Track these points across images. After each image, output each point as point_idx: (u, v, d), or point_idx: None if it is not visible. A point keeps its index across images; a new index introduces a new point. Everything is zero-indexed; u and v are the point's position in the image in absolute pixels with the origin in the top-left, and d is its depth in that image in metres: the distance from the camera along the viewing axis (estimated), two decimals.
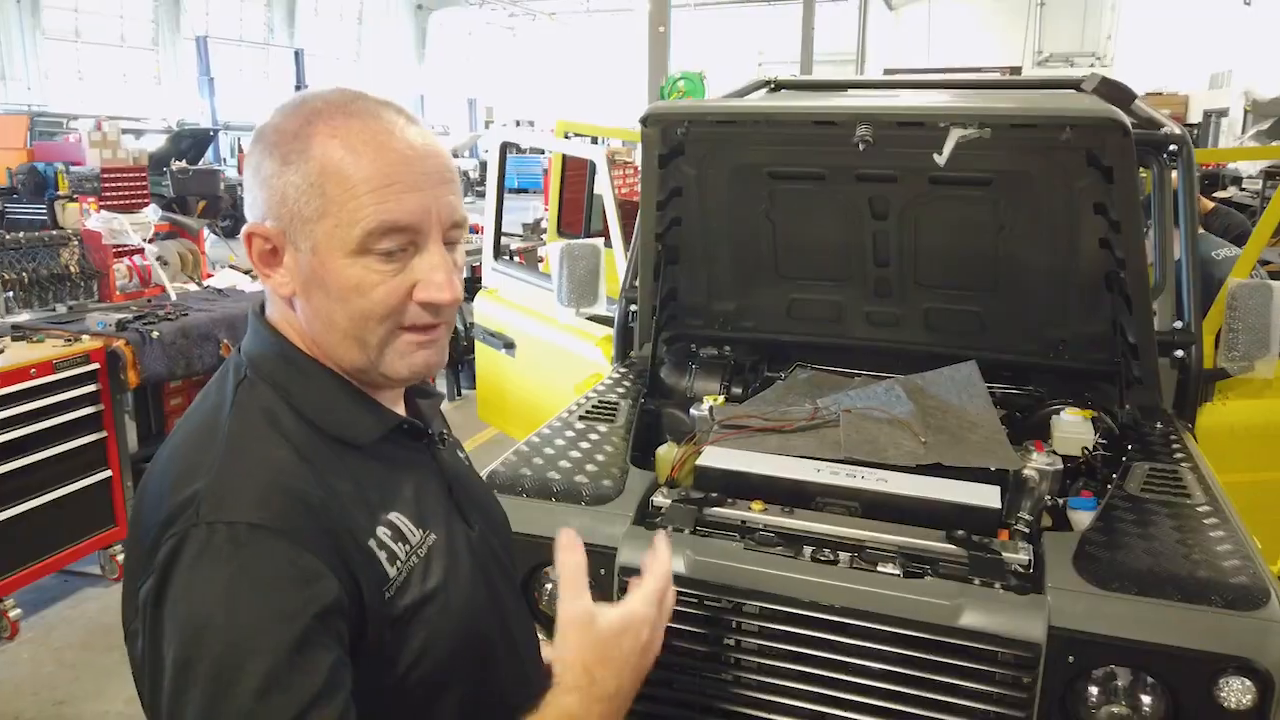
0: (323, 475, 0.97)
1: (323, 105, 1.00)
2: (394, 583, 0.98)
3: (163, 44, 25.74)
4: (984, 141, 1.94)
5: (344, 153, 0.96)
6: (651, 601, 1.17)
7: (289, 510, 0.91)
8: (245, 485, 0.92)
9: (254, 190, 1.01)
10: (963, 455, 2.14)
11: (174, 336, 4.16)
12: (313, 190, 0.97)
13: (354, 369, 1.04)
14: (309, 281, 1.00)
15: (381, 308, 0.99)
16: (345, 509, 0.96)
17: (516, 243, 7.15)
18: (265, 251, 1.02)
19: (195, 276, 5.31)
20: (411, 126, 1.02)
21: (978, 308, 2.63)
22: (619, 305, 3.00)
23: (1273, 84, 12.16)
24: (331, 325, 1.01)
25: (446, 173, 1.02)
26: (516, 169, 20.34)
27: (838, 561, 1.83)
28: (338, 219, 0.97)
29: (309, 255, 0.99)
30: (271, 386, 1.02)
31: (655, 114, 2.22)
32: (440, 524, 1.08)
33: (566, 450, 2.22)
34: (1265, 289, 2.51)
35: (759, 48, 29.32)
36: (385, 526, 1.00)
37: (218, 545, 0.88)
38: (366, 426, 1.05)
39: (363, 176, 0.96)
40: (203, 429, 1.01)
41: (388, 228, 0.97)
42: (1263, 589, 1.63)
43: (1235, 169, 10.22)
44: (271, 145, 0.99)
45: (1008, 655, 1.65)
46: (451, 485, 1.14)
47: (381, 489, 1.03)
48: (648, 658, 1.14)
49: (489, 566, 1.15)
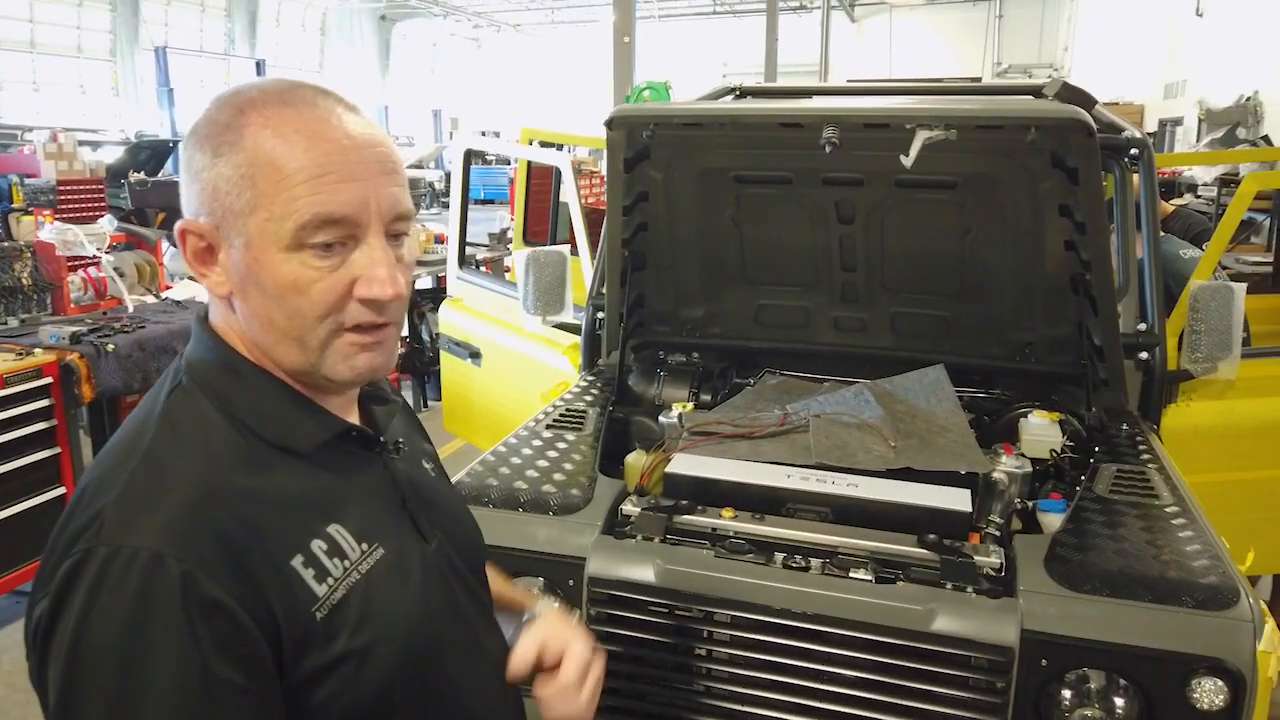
0: (249, 490, 0.92)
1: (257, 95, 0.95)
2: (325, 602, 0.92)
3: (121, 55, 25.34)
4: (949, 144, 1.95)
5: (276, 142, 0.92)
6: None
7: (196, 535, 0.86)
8: (153, 505, 0.87)
9: (187, 186, 0.96)
10: (932, 459, 2.14)
11: (130, 349, 4.06)
12: (243, 182, 0.92)
13: (295, 371, 0.99)
14: (245, 280, 0.95)
15: (320, 306, 0.94)
16: (268, 527, 0.91)
17: (483, 253, 7.10)
18: (200, 249, 0.97)
19: (153, 288, 5.19)
20: (350, 115, 0.97)
21: (944, 312, 2.63)
22: (586, 313, 2.97)
23: (1225, 93, 12.43)
24: (270, 325, 0.96)
25: (388, 163, 0.97)
26: (482, 180, 20.26)
27: (809, 568, 1.81)
28: (270, 212, 0.92)
29: (242, 251, 0.93)
30: (208, 393, 0.97)
31: (620, 116, 2.20)
32: (390, 538, 1.03)
33: (534, 459, 2.18)
34: (1226, 290, 2.54)
35: (723, 59, 29.51)
36: (321, 540, 0.95)
37: (116, 572, 0.83)
38: (308, 432, 1.00)
39: (296, 166, 0.91)
40: (128, 439, 0.95)
41: (322, 220, 0.92)
42: (1232, 588, 1.63)
43: (1191, 176, 10.41)
44: (203, 138, 0.94)
45: (981, 660, 1.64)
46: (406, 497, 1.08)
47: (323, 500, 0.98)
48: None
49: (447, 583, 1.09)
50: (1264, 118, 11.49)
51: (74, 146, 8.64)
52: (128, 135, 17.61)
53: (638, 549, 1.86)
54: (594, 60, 27.08)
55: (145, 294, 5.16)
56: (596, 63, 23.59)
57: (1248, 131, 11.52)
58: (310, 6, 31.47)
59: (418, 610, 1.02)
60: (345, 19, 32.07)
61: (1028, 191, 2.24)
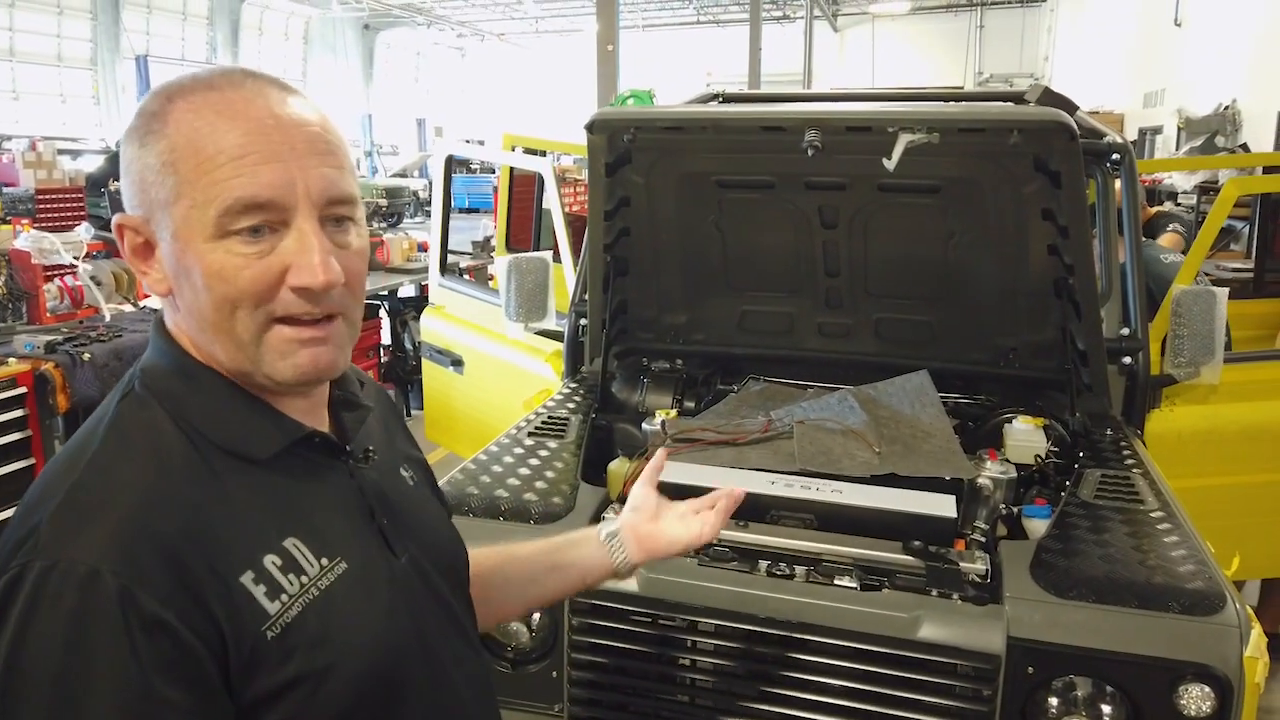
0: (196, 502, 0.87)
1: (189, 82, 0.90)
2: (277, 620, 0.87)
3: (102, 63, 25.19)
4: (932, 148, 1.94)
5: (199, 124, 0.87)
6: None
7: (137, 549, 0.82)
8: (92, 518, 0.83)
9: (123, 180, 0.92)
10: (917, 465, 2.12)
11: (107, 358, 4.01)
12: (165, 169, 0.87)
13: (237, 372, 0.94)
14: (177, 273, 0.90)
15: (247, 295, 0.88)
16: (216, 542, 0.86)
17: (466, 260, 7.06)
18: (137, 245, 0.92)
19: (131, 297, 5.11)
20: (281, 94, 0.92)
21: (928, 317, 2.62)
22: (569, 319, 2.94)
23: (1204, 102, 12.54)
24: (203, 320, 0.91)
25: (319, 143, 0.91)
26: (467, 188, 20.25)
27: (794, 575, 1.80)
28: (192, 199, 0.87)
29: (170, 243, 0.89)
30: (160, 399, 0.92)
31: (601, 120, 2.18)
32: (355, 552, 0.97)
33: (515, 467, 2.16)
34: (1209, 295, 2.54)
35: (707, 68, 29.61)
36: (275, 555, 0.90)
37: (52, 588, 0.79)
38: (264, 438, 0.94)
39: (215, 149, 0.86)
40: (75, 447, 0.91)
41: (244, 205, 0.86)
42: (1219, 594, 1.62)
43: (1171, 184, 10.49)
44: (132, 130, 0.90)
45: (967, 667, 1.63)
46: (373, 509, 1.02)
47: (280, 512, 0.93)
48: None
49: (416, 601, 1.03)
50: (1242, 126, 11.58)
51: (53, 155, 8.58)
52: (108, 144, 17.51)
53: None
54: (578, 69, 27.14)
55: (123, 303, 5.08)
56: (580, 71, 23.64)
57: (1226, 140, 11.61)
58: (293, 15, 31.40)
59: (381, 631, 0.96)
60: (328, 28, 32.00)
61: (1010, 196, 2.24)
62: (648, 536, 1.41)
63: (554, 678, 1.87)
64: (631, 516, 1.43)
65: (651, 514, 1.44)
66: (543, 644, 1.88)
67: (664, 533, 1.42)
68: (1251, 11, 11.64)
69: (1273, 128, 10.09)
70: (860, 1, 30.86)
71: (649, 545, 1.41)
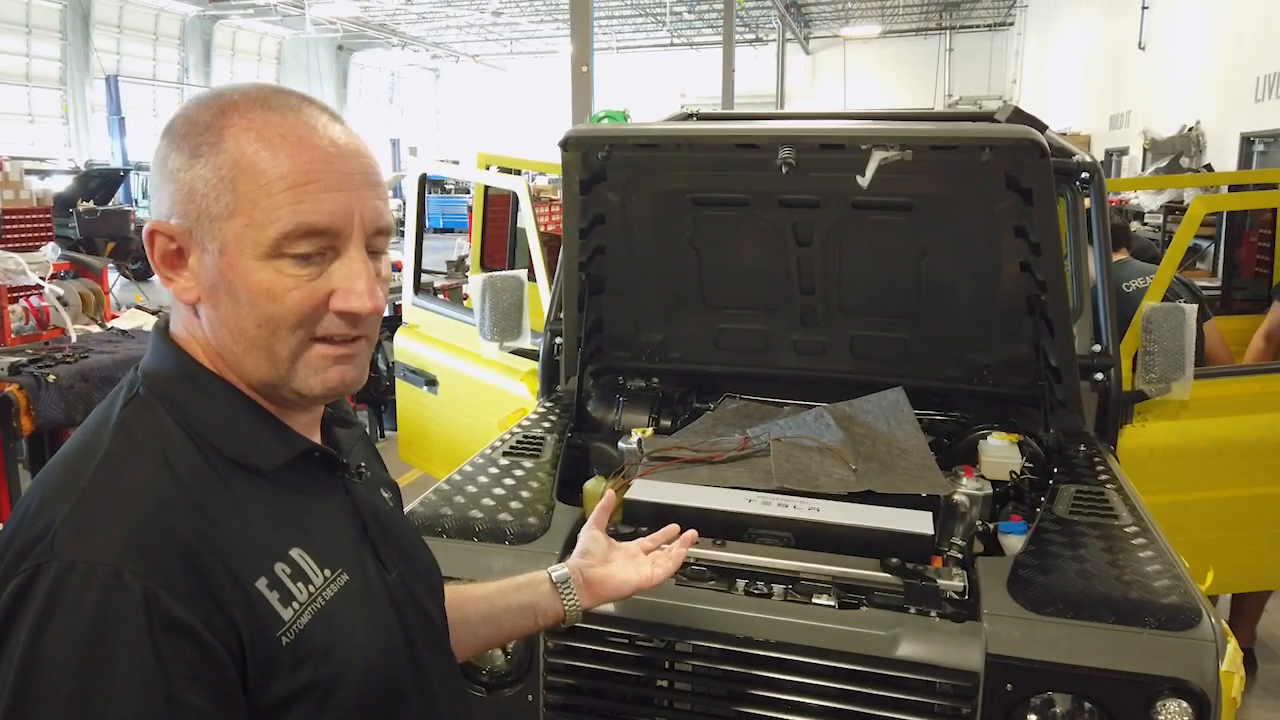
0: (209, 506, 0.87)
1: (240, 98, 0.91)
2: (290, 626, 0.88)
3: (71, 83, 24.97)
4: (905, 165, 1.95)
5: (259, 146, 0.89)
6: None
7: (156, 549, 0.81)
8: (110, 518, 0.82)
9: (160, 186, 0.92)
10: (893, 482, 2.12)
11: (73, 380, 3.94)
12: (223, 185, 0.89)
13: (263, 384, 0.95)
14: (215, 286, 0.91)
15: (294, 315, 0.91)
16: (230, 545, 0.86)
17: (440, 280, 7.03)
18: (169, 252, 0.93)
19: (98, 318, 5.05)
20: (335, 124, 0.94)
21: (903, 334, 2.63)
22: (544, 338, 2.93)
23: (1168, 124, 12.78)
24: (239, 334, 0.92)
25: (372, 175, 0.95)
26: (441, 208, 20.24)
27: (772, 594, 1.78)
28: (250, 218, 0.89)
29: (216, 256, 0.90)
30: (167, 405, 0.92)
31: (575, 137, 2.17)
32: (354, 564, 0.99)
33: (490, 487, 2.13)
34: (1178, 312, 2.57)
35: (681, 89, 29.87)
36: (284, 564, 0.90)
37: (72, 589, 0.78)
38: (272, 450, 0.95)
39: (279, 173, 0.89)
40: (79, 450, 0.90)
41: (305, 230, 0.89)
42: (1194, 609, 1.62)
43: (1138, 204, 10.67)
44: (180, 137, 0.91)
45: (946, 685, 1.62)
46: (367, 524, 1.04)
47: (285, 522, 0.93)
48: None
49: (407, 614, 1.04)
50: (1206, 147, 11.82)
51: (20, 175, 8.44)
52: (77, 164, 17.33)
53: None
54: (553, 90, 27.24)
55: (90, 323, 5.02)
56: (555, 93, 23.72)
57: (1191, 160, 11.84)
58: (266, 36, 31.32)
59: (382, 642, 0.98)
60: (301, 48, 31.95)
61: (983, 213, 2.25)
62: (597, 581, 1.45)
63: (530, 701, 1.84)
64: (580, 560, 1.47)
65: (601, 557, 1.48)
66: (518, 667, 1.85)
67: (613, 576, 1.46)
68: (1213, 36, 11.91)
69: (1235, 148, 10.28)
70: (832, 25, 31.32)
71: (598, 590, 1.45)
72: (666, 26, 29.41)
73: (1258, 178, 6.07)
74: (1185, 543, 2.01)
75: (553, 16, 28.88)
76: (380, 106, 36.94)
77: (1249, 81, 10.04)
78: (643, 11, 29.15)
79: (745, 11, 26.81)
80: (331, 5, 25.95)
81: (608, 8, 27.82)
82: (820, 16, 31.18)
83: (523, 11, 29.05)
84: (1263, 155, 9.64)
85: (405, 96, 38.66)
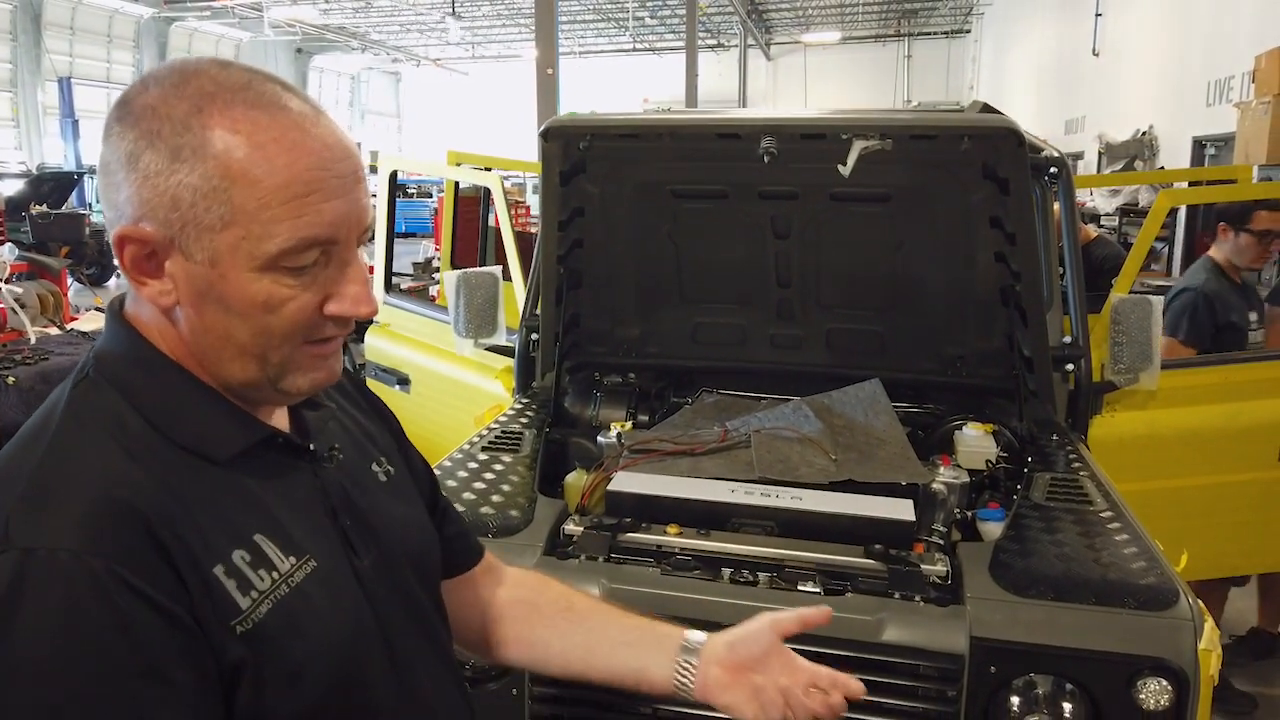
0: (164, 486, 0.84)
1: (214, 88, 0.85)
2: (247, 616, 0.84)
3: (22, 85, 24.44)
4: (883, 156, 1.97)
5: (251, 152, 0.83)
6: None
7: (115, 529, 0.79)
8: (65, 501, 0.79)
9: (122, 184, 0.84)
10: (873, 471, 2.14)
11: (33, 382, 3.86)
12: (215, 195, 0.83)
13: (244, 385, 0.91)
14: (202, 295, 0.86)
15: (291, 325, 0.88)
16: (186, 528, 0.83)
17: (408, 282, 6.98)
18: (141, 258, 0.87)
19: (57, 319, 4.94)
20: (320, 118, 0.89)
21: (878, 327, 2.65)
22: (519, 334, 2.91)
23: (1123, 128, 13.02)
24: (227, 342, 0.88)
25: (361, 172, 0.91)
26: (404, 212, 20.04)
27: (757, 582, 1.79)
28: (246, 231, 0.84)
29: (205, 267, 0.85)
30: (117, 388, 0.88)
31: (556, 127, 2.17)
32: (321, 550, 0.94)
33: (470, 482, 2.11)
34: (1145, 303, 2.61)
35: (644, 94, 29.93)
36: (244, 550, 0.87)
37: (34, 578, 0.75)
38: (226, 438, 0.91)
39: (277, 184, 0.84)
40: (28, 435, 0.87)
41: (308, 244, 0.85)
42: (1172, 589, 1.65)
43: (1094, 207, 10.87)
44: (150, 133, 0.83)
45: (931, 668, 1.63)
46: (337, 510, 0.99)
47: (246, 508, 0.90)
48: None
49: (381, 601, 1.00)
50: (1159, 151, 12.06)
51: None
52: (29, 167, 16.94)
53: (582, 569, 1.81)
54: (516, 95, 27.18)
55: (49, 325, 4.91)
56: (519, 97, 23.68)
57: (1144, 164, 12.06)
58: (223, 39, 30.87)
59: (349, 631, 0.94)
60: (259, 50, 31.50)
61: (959, 204, 2.29)
62: (721, 687, 1.16)
63: (514, 695, 1.82)
64: (725, 652, 1.18)
65: (752, 660, 1.17)
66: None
67: (744, 686, 1.16)
68: (1165, 43, 12.16)
69: (1188, 152, 10.52)
70: (792, 30, 31.57)
71: (716, 695, 1.17)
72: (629, 31, 29.47)
73: (1215, 174, 6.23)
74: (1155, 531, 2.04)
75: (515, 21, 28.82)
76: (340, 110, 36.55)
77: (1200, 87, 10.27)
78: (605, 16, 29.19)
79: (707, 17, 26.96)
80: (290, 8, 25.65)
81: (570, 12, 27.81)
82: (781, 22, 31.44)
83: (484, 15, 28.95)
84: (1213, 157, 9.84)
85: (366, 100, 38.31)
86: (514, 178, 16.08)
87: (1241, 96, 8.51)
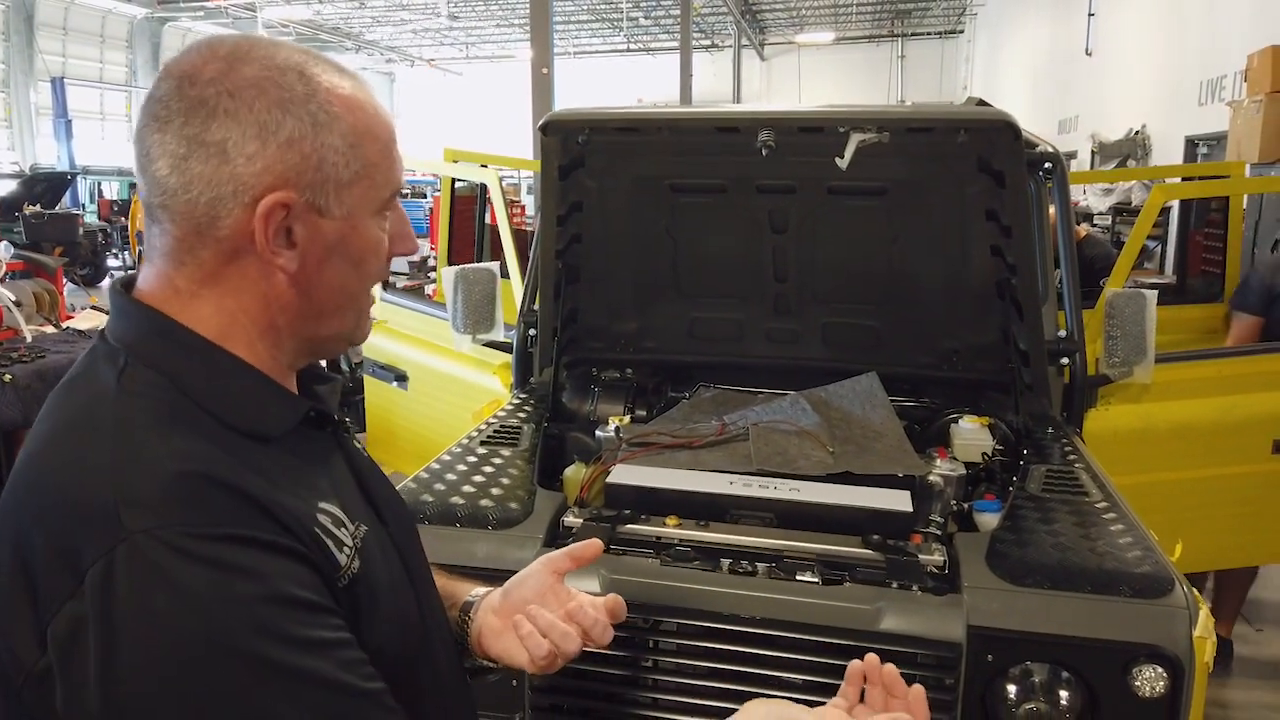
0: (247, 465, 0.84)
1: (301, 57, 0.91)
2: (346, 570, 0.87)
3: (14, 85, 24.37)
4: (880, 149, 1.98)
5: (361, 113, 0.93)
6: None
7: (234, 504, 0.79)
8: (168, 483, 0.78)
9: (260, 155, 0.85)
10: (870, 463, 2.15)
11: (30, 380, 3.85)
12: (353, 152, 0.91)
13: (336, 336, 0.98)
14: (331, 250, 0.92)
15: (383, 266, 0.99)
16: (280, 493, 0.84)
17: (403, 281, 6.98)
18: (281, 228, 0.88)
19: (53, 318, 4.93)
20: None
21: (874, 321, 2.67)
22: (517, 329, 2.92)
23: (1116, 127, 13.07)
24: (341, 293, 0.95)
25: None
26: None
27: (756, 572, 1.79)
28: (373, 180, 0.93)
29: (341, 222, 0.91)
30: (160, 374, 0.86)
31: (555, 121, 2.17)
32: (364, 516, 0.97)
33: (469, 475, 2.12)
34: (1140, 297, 2.64)
35: (638, 94, 29.95)
36: (322, 514, 0.89)
37: (162, 561, 0.74)
38: (279, 415, 0.92)
39: (385, 136, 0.95)
40: (77, 427, 0.84)
41: (398, 187, 0.98)
42: (1167, 577, 1.67)
43: (1087, 206, 10.91)
44: (282, 103, 0.86)
45: (929, 657, 1.64)
46: (363, 476, 1.03)
47: (304, 480, 0.91)
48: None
49: (410, 565, 1.04)
50: (1152, 150, 12.11)
51: None
52: (22, 167, 16.90)
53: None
54: (511, 95, 27.16)
55: (45, 324, 4.89)
56: (514, 97, 23.65)
57: (1137, 163, 12.10)
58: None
59: (400, 588, 0.99)
60: None
61: (956, 197, 2.30)
62: (494, 634, 1.19)
63: (514, 685, 1.83)
64: (500, 600, 1.22)
65: (524, 602, 1.19)
66: None
67: (506, 635, 1.18)
68: (1158, 42, 12.21)
69: (1180, 150, 10.56)
70: (786, 31, 31.61)
71: (490, 644, 1.20)
72: (623, 32, 29.47)
73: (1209, 170, 6.28)
74: (1149, 523, 2.06)
75: (509, 21, 28.80)
76: None
77: (1192, 86, 10.31)
78: (599, 17, 29.18)
79: (701, 18, 26.98)
80: (284, 8, 25.61)
81: (565, 12, 27.80)
82: (775, 23, 31.48)
83: (479, 16, 28.92)
84: (1205, 156, 9.88)
85: None
86: (509, 177, 16.10)
87: (1234, 96, 8.55)
